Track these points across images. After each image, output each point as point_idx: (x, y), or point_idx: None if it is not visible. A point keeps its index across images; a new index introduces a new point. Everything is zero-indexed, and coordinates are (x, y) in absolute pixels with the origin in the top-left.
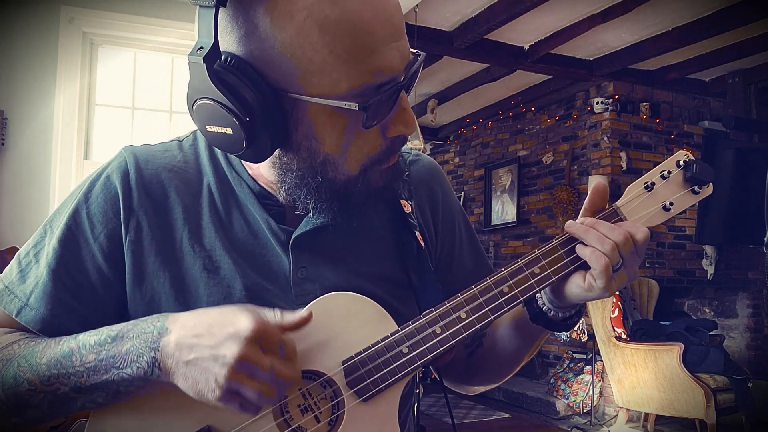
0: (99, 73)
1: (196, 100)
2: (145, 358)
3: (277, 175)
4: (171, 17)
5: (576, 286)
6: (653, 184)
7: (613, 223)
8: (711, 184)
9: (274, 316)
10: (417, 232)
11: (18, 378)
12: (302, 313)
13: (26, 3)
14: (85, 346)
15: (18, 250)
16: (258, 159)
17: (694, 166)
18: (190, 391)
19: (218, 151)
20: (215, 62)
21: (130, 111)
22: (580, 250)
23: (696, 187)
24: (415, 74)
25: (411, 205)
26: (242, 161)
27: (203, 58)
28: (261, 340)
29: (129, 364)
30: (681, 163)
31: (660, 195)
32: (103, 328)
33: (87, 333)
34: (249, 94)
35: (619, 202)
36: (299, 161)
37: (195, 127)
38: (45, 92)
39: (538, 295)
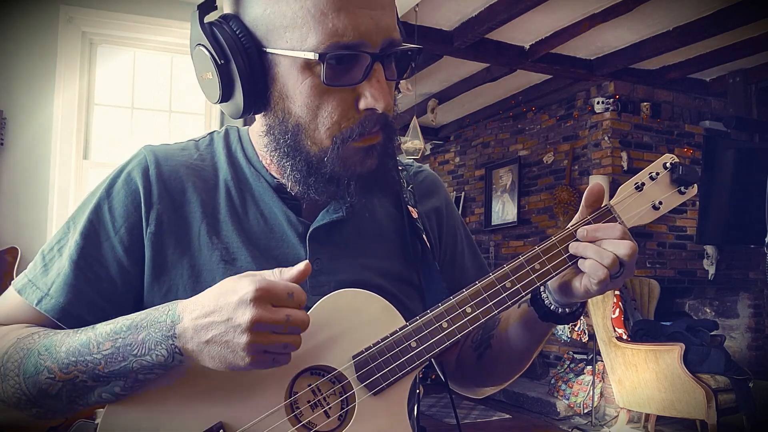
0: (98, 73)
1: (192, 50)
2: (163, 346)
3: (266, 146)
4: (170, 17)
5: (578, 286)
6: (643, 184)
7: (607, 221)
8: (696, 184)
9: (272, 275)
10: (424, 236)
11: (38, 366)
12: (300, 266)
13: (26, 3)
14: (101, 335)
15: (18, 250)
16: (235, 112)
17: (680, 168)
18: (221, 366)
19: (237, 149)
20: (208, 13)
21: (129, 111)
22: (580, 263)
23: (682, 188)
24: (399, 55)
25: (417, 212)
26: (259, 156)
27: (197, 6)
28: (270, 297)
29: (147, 352)
30: (668, 165)
31: (649, 195)
32: (118, 318)
33: (103, 323)
34: (229, 41)
35: (612, 201)
36: (277, 124)
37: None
38: (44, 92)
39: (544, 295)
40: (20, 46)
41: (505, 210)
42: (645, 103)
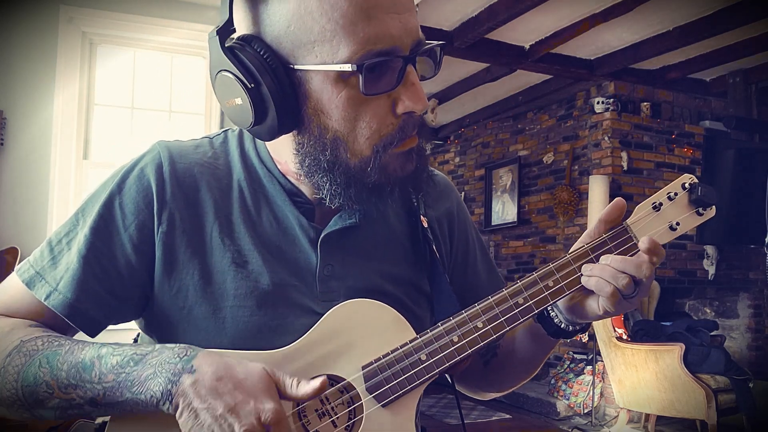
0: (98, 73)
1: (214, 77)
2: (160, 388)
3: (298, 162)
4: (170, 17)
5: (594, 307)
6: (661, 204)
7: (622, 241)
8: (714, 206)
9: (290, 387)
10: (434, 246)
11: (37, 378)
12: (314, 384)
13: (26, 3)
14: (106, 365)
15: (18, 250)
16: (269, 134)
17: (699, 189)
18: None
19: (251, 149)
20: (227, 37)
21: (129, 110)
22: (585, 281)
23: (701, 209)
24: (428, 54)
25: (427, 219)
26: (273, 158)
27: (216, 31)
28: (272, 428)
29: (144, 391)
30: (686, 185)
31: (667, 215)
32: (127, 348)
33: (111, 348)
34: (255, 63)
35: (629, 220)
36: (312, 140)
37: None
38: (44, 92)
39: (552, 314)
40: (20, 46)
41: (505, 210)
42: (645, 103)
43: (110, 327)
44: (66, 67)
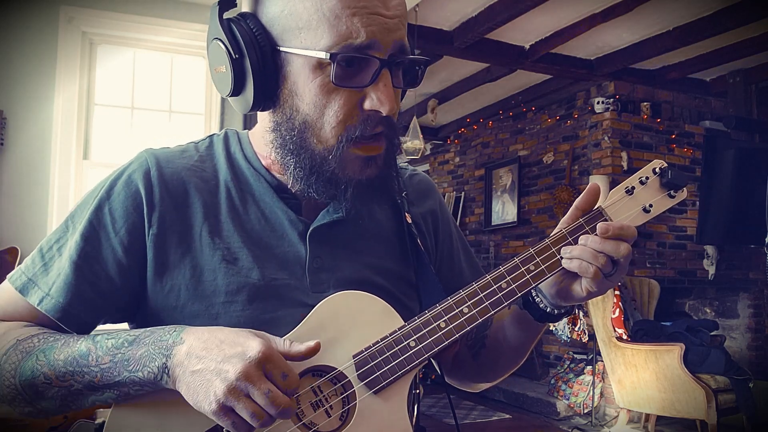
0: (98, 73)
1: (209, 44)
2: (156, 363)
3: (272, 141)
4: (171, 17)
5: (577, 289)
6: (633, 188)
7: (600, 222)
8: (685, 189)
9: (282, 344)
10: (419, 241)
11: (35, 371)
12: (310, 343)
13: (26, 3)
14: (102, 348)
15: (18, 250)
16: (243, 106)
17: (669, 172)
18: (190, 400)
19: (237, 151)
20: (226, 9)
21: (129, 111)
22: (567, 263)
23: (672, 192)
24: (408, 64)
25: (411, 216)
26: (259, 157)
27: (218, 2)
28: (266, 365)
29: (141, 369)
30: (657, 170)
31: (640, 198)
32: (121, 332)
33: (105, 334)
34: (245, 37)
35: (604, 204)
36: (284, 121)
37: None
38: (44, 92)
39: (537, 299)
40: (21, 47)
41: (505, 210)
42: (645, 103)
43: (103, 327)
44: (66, 67)
